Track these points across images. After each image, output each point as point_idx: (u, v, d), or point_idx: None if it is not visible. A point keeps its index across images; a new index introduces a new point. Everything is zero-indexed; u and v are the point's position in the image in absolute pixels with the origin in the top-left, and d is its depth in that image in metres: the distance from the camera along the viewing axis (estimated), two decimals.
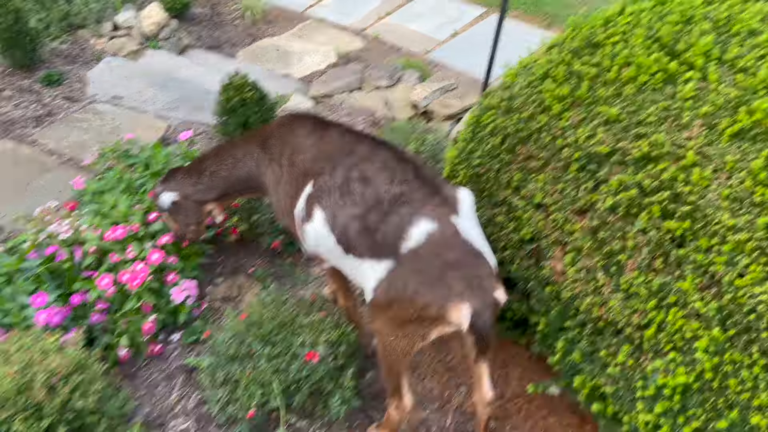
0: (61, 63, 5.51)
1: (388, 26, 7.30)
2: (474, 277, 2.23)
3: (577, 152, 2.41)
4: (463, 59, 6.69)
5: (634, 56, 2.45)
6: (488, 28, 7.11)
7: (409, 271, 2.29)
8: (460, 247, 2.27)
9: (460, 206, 2.37)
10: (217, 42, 6.81)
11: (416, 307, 2.26)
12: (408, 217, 2.31)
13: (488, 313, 2.21)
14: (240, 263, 3.77)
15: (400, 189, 2.37)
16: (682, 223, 2.04)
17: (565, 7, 7.59)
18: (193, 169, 3.15)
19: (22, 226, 3.63)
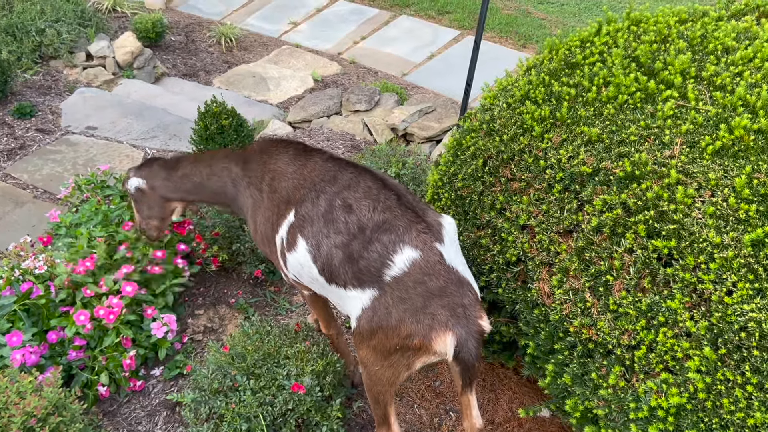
0: (34, 94, 5.43)
1: (364, 50, 7.34)
2: (458, 305, 2.20)
3: (560, 173, 2.41)
4: (440, 81, 6.74)
5: (612, 76, 2.46)
6: (463, 49, 7.19)
7: (392, 299, 2.25)
8: (444, 275, 2.23)
9: (444, 233, 2.35)
10: (193, 69, 6.78)
11: (400, 337, 2.23)
12: (391, 245, 2.28)
13: (473, 342, 2.18)
14: (221, 293, 3.71)
15: (383, 216, 2.34)
16: (668, 242, 2.03)
17: (539, 28, 7.69)
18: (168, 165, 3.10)
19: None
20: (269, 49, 7.32)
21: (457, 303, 2.20)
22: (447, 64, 7.07)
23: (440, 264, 2.24)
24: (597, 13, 8.26)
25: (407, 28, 7.73)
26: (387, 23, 7.83)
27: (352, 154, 5.13)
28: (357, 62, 7.11)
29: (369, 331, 2.31)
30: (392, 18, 7.92)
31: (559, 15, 8.15)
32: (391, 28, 7.74)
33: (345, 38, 7.55)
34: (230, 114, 4.28)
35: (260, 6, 8.08)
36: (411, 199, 2.44)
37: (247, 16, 7.88)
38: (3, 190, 4.33)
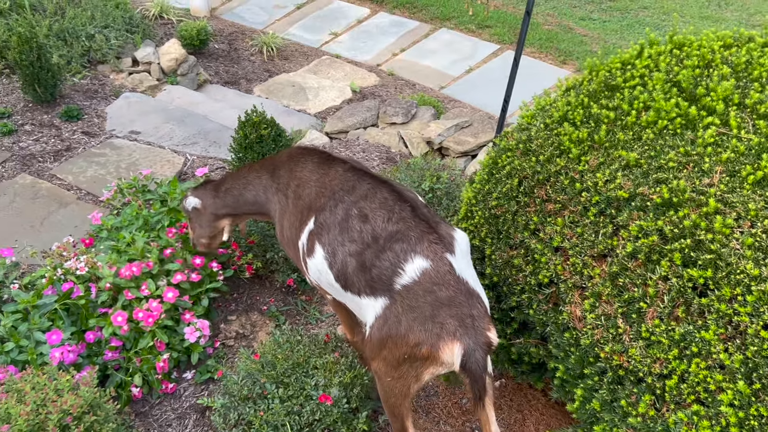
0: (81, 98, 5.59)
1: (402, 62, 7.38)
2: (467, 316, 2.23)
3: (596, 196, 2.40)
4: (478, 95, 6.74)
5: (653, 100, 2.44)
6: (502, 64, 7.18)
7: (402, 308, 2.29)
8: (453, 286, 2.27)
9: (456, 245, 2.39)
10: (235, 77, 6.90)
11: (408, 345, 2.25)
12: (403, 254, 2.34)
13: (480, 353, 2.20)
14: (254, 300, 3.76)
15: (397, 227, 2.40)
16: (704, 272, 2.01)
17: (580, 44, 7.64)
18: (217, 184, 3.27)
19: (39, 261, 3.65)
20: (309, 59, 7.41)
21: (465, 314, 2.23)
22: (485, 79, 7.06)
23: (450, 274, 2.29)
24: (639, 30, 8.17)
25: (446, 41, 7.75)
26: (427, 36, 7.87)
27: (387, 166, 5.16)
28: (395, 74, 7.16)
29: (379, 340, 2.36)
30: (432, 31, 7.95)
31: (601, 32, 8.09)
32: (431, 41, 7.77)
33: (384, 50, 7.61)
34: (269, 124, 4.34)
35: (302, 16, 8.19)
36: (426, 211, 2.50)
37: (289, 25, 7.99)
38: (48, 190, 4.47)
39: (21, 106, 5.31)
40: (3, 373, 2.67)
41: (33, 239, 4.03)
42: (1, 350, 2.88)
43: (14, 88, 5.51)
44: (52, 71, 5.20)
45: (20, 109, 5.28)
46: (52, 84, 5.26)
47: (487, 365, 2.25)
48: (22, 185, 4.48)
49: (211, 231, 3.30)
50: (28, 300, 3.06)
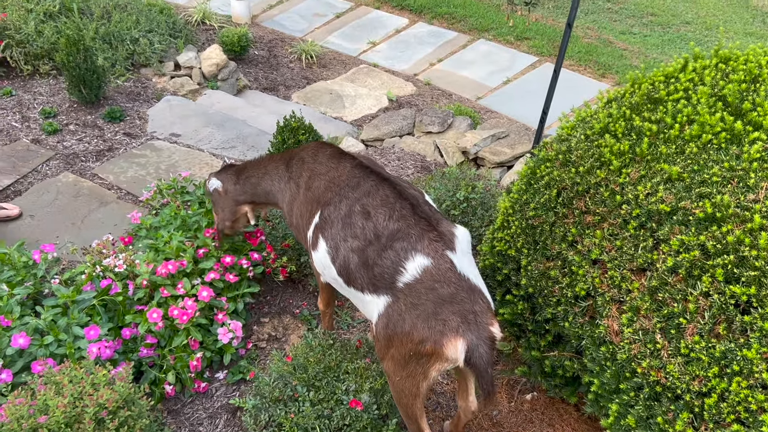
0: (124, 100, 5.72)
1: (439, 72, 7.39)
2: (469, 312, 2.23)
3: (637, 209, 2.37)
4: (515, 106, 6.72)
5: (697, 114, 2.41)
6: (540, 76, 7.14)
7: (405, 305, 2.31)
8: (455, 282, 2.28)
9: (457, 242, 2.41)
10: (273, 84, 6.99)
11: (413, 342, 2.27)
12: (404, 252, 2.36)
13: (484, 348, 2.21)
14: (287, 303, 3.79)
15: (398, 225, 2.43)
16: (747, 289, 1.97)
17: (619, 58, 7.57)
18: (239, 169, 3.37)
19: (79, 257, 3.73)
20: (347, 67, 7.46)
21: (468, 309, 2.24)
22: (523, 90, 7.03)
23: (451, 271, 2.30)
24: (680, 45, 8.06)
25: (484, 52, 7.75)
26: (464, 46, 7.87)
27: (421, 174, 5.16)
28: (432, 84, 7.17)
29: (385, 338, 2.39)
30: (470, 42, 7.95)
31: (641, 46, 8.00)
32: (469, 52, 7.77)
33: (422, 60, 7.63)
34: (307, 130, 4.39)
35: (341, 25, 8.26)
36: (427, 209, 2.53)
37: (328, 34, 8.07)
38: (90, 189, 4.57)
39: (66, 107, 5.44)
40: (42, 366, 2.73)
41: (74, 236, 4.13)
42: (41, 343, 2.94)
43: (60, 89, 5.66)
44: (97, 73, 5.33)
45: (65, 109, 5.42)
46: (97, 85, 5.38)
47: (491, 359, 2.25)
48: (65, 183, 4.58)
49: (232, 215, 3.39)
50: (68, 295, 3.12)
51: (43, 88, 5.67)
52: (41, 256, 3.47)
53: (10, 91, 5.55)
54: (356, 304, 2.70)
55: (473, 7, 8.62)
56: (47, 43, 5.78)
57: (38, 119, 5.27)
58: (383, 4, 8.73)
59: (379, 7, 8.66)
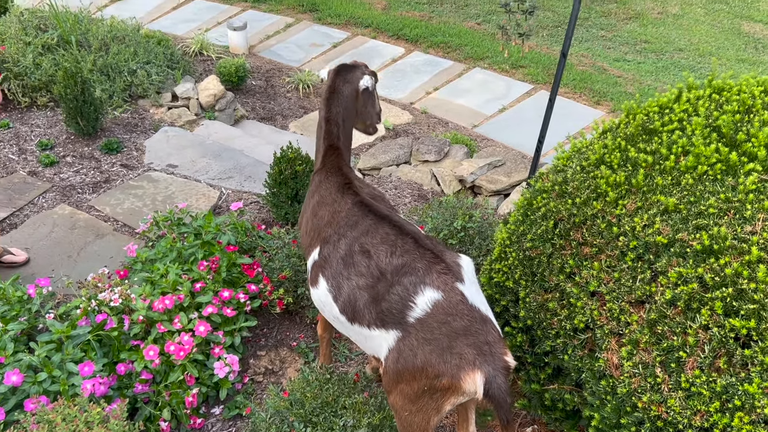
0: (121, 131, 5.73)
1: (436, 101, 7.44)
2: (484, 343, 2.22)
3: (634, 241, 2.36)
4: (511, 134, 6.75)
5: (692, 145, 2.41)
6: (536, 104, 7.19)
7: (417, 340, 2.29)
8: (468, 315, 2.26)
9: (464, 273, 2.38)
10: (271, 113, 7.02)
11: (428, 378, 2.25)
12: (412, 287, 2.33)
13: (501, 378, 2.18)
14: (283, 335, 3.76)
15: (402, 260, 2.41)
16: (747, 322, 1.95)
17: (614, 85, 7.63)
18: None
19: (75, 291, 3.70)
20: None
21: (482, 341, 2.22)
22: (518, 118, 7.07)
23: (463, 304, 2.27)
24: (674, 72, 8.13)
25: (480, 81, 7.80)
26: (460, 75, 7.93)
27: (419, 203, 5.16)
28: (428, 112, 7.21)
29: (395, 373, 2.35)
30: (466, 70, 8.01)
31: (635, 73, 8.06)
32: (464, 80, 7.83)
33: (418, 88, 7.68)
34: (304, 160, 4.40)
35: (338, 55, 8.33)
36: (428, 242, 2.49)
37: (325, 63, 8.12)
38: (86, 221, 4.56)
39: (63, 138, 5.45)
40: (35, 404, 2.70)
41: (69, 269, 4.10)
42: (35, 380, 2.90)
43: (57, 121, 5.67)
44: (94, 105, 5.35)
45: (62, 141, 5.43)
46: (94, 117, 5.40)
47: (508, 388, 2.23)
48: (61, 216, 4.57)
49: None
50: (63, 330, 3.09)
51: (40, 120, 5.69)
52: (36, 290, 3.44)
53: (8, 123, 5.56)
54: (356, 340, 2.66)
55: (468, 36, 8.71)
56: (45, 75, 5.82)
57: (35, 151, 5.27)
58: (379, 33, 8.82)
59: (376, 37, 8.74)
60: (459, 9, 9.69)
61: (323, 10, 9.23)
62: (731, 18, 9.98)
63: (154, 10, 8.98)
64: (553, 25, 9.28)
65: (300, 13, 9.27)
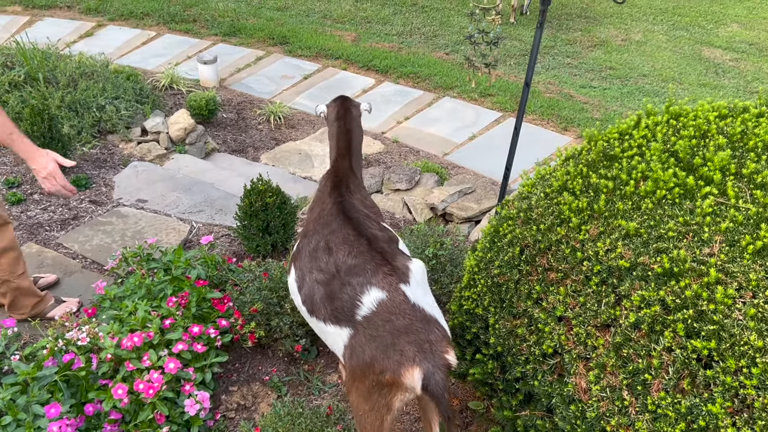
0: (90, 167, 5.69)
1: (407, 130, 7.51)
2: (425, 341, 2.36)
3: (597, 266, 2.40)
4: (481, 161, 6.82)
5: (651, 170, 2.47)
6: (505, 131, 7.29)
7: (365, 337, 2.43)
8: (409, 314, 2.41)
9: (411, 275, 2.55)
10: (242, 146, 7.03)
11: (375, 373, 2.38)
12: (360, 287, 2.51)
13: (440, 375, 2.31)
14: (256, 370, 3.72)
15: (355, 261, 2.59)
16: (708, 343, 1.98)
17: (581, 111, 7.77)
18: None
19: (42, 331, 3.64)
20: (315, 127, 7.54)
21: (423, 339, 2.36)
22: (488, 145, 7.16)
23: (405, 303, 2.44)
24: (639, 97, 8.32)
25: (450, 110, 7.90)
26: (430, 104, 8.03)
27: None
28: (400, 141, 7.27)
29: (351, 371, 2.49)
30: (435, 99, 8.12)
31: (601, 99, 8.23)
32: (434, 109, 7.92)
33: (389, 118, 7.75)
34: (274, 192, 4.40)
35: (309, 86, 8.39)
36: (384, 246, 2.69)
37: (296, 95, 8.17)
38: (54, 258, 4.49)
39: (30, 176, 5.40)
40: None
41: None
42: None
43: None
44: (62, 141, 5.32)
45: (30, 178, 5.37)
46: (62, 154, 5.33)
47: (446, 385, 2.35)
48: (29, 254, 4.50)
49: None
50: (28, 372, 3.03)
51: (6, 158, 5.63)
52: (1, 331, 3.38)
53: None
54: (318, 333, 2.79)
55: (437, 66, 8.84)
56: (12, 112, 5.77)
57: (1, 189, 5.21)
58: (350, 65, 8.91)
59: (346, 68, 8.83)
60: (428, 40, 9.85)
61: (293, 43, 9.31)
62: (692, 44, 10.27)
63: (124, 45, 8.98)
64: (520, 54, 9.47)
65: (270, 45, 9.34)
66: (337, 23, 10.26)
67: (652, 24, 11.01)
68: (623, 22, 11.01)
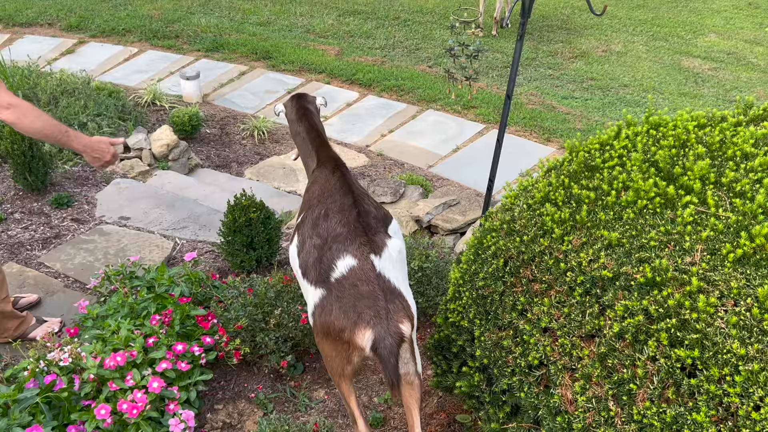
0: (72, 185, 5.65)
1: (391, 143, 7.53)
2: (383, 309, 2.58)
3: (581, 276, 2.40)
4: (465, 173, 6.85)
5: (632, 180, 2.49)
6: (488, 143, 7.32)
7: (334, 298, 2.67)
8: (374, 282, 2.64)
9: (385, 250, 2.79)
10: (226, 161, 7.01)
11: (336, 330, 2.63)
12: (337, 252, 2.75)
13: (390, 341, 2.52)
14: (241, 387, 3.68)
15: (341, 230, 2.84)
16: (691, 352, 1.99)
17: (563, 122, 7.84)
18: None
19: (23, 352, 3.59)
20: None
21: (382, 306, 2.58)
22: (472, 157, 7.19)
23: (371, 272, 2.67)
24: (620, 107, 8.40)
25: (433, 122, 7.94)
26: (414, 117, 8.06)
27: None
28: (384, 154, 7.28)
29: (321, 325, 2.72)
30: (419, 112, 8.15)
31: (583, 109, 8.31)
32: (418, 122, 7.95)
33: (373, 131, 7.77)
34: (258, 207, 4.39)
35: None
36: (372, 221, 2.92)
37: None
38: (35, 278, 4.44)
39: (11, 195, 5.34)
40: None
41: None
42: None
43: (5, 177, 5.57)
44: (43, 160, 5.28)
45: (10, 197, 5.32)
46: (43, 172, 5.32)
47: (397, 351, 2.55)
48: (9, 274, 4.44)
49: None
50: (9, 394, 2.98)
51: None
52: None
53: None
54: (304, 294, 3.01)
55: (420, 79, 8.88)
56: None
57: None
58: (333, 79, 8.93)
59: (329, 82, 8.85)
60: (410, 53, 9.90)
61: (277, 58, 9.33)
62: (671, 54, 10.40)
63: (106, 62, 8.95)
64: (502, 66, 9.54)
65: (254, 60, 9.35)
66: (320, 37, 10.30)
67: (632, 35, 11.15)
68: (603, 33, 11.13)
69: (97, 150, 3.33)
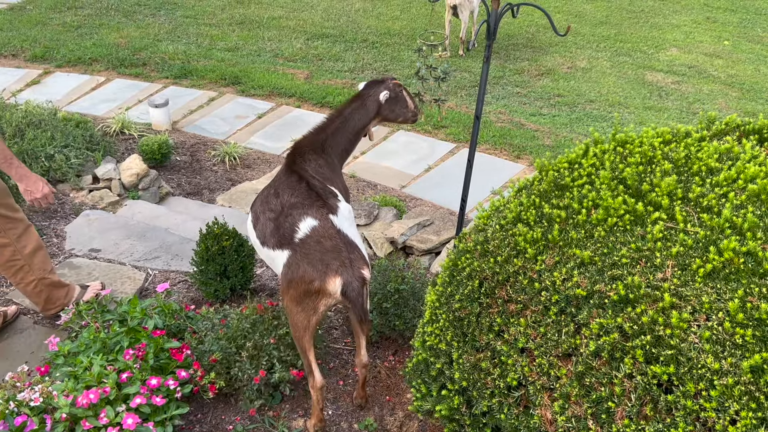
0: (40, 218, 5.54)
1: (364, 164, 7.53)
2: (346, 259, 3.02)
3: (555, 295, 2.41)
4: (438, 192, 6.87)
5: (601, 198, 2.52)
6: (459, 161, 7.37)
7: (300, 256, 3.07)
8: (336, 237, 3.09)
9: (339, 211, 3.26)
10: (197, 188, 6.94)
11: (305, 282, 3.01)
12: (298, 216, 3.19)
13: (356, 284, 2.98)
14: (218, 420, 3.62)
15: (296, 200, 3.29)
16: (667, 368, 2.01)
17: (532, 139, 7.93)
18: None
19: None
20: (272, 165, 7.51)
21: (345, 257, 3.03)
22: (444, 176, 7.23)
23: (333, 229, 3.12)
24: (587, 122, 8.52)
25: (405, 143, 7.97)
26: (386, 138, 8.08)
27: None
28: (357, 176, 7.28)
29: (287, 282, 3.11)
30: (390, 133, 8.18)
31: (551, 126, 8.41)
32: (390, 143, 7.98)
33: None
34: (231, 235, 4.35)
35: (264, 125, 8.38)
36: (318, 190, 3.36)
37: (251, 134, 8.14)
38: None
39: None
40: None
41: None
42: None
43: None
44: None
45: None
46: None
47: (363, 293, 3.02)
48: None
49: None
50: None
51: None
52: None
53: None
54: (267, 261, 3.46)
55: None
56: None
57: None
58: (303, 103, 8.94)
59: (300, 106, 8.85)
60: (380, 75, 9.96)
61: (246, 83, 9.31)
62: (635, 69, 10.61)
63: (72, 92, 8.85)
64: (470, 85, 9.64)
65: (223, 86, 9.32)
66: (289, 62, 10.32)
67: (596, 51, 11.36)
68: (568, 50, 11.33)
69: (31, 185, 3.61)
